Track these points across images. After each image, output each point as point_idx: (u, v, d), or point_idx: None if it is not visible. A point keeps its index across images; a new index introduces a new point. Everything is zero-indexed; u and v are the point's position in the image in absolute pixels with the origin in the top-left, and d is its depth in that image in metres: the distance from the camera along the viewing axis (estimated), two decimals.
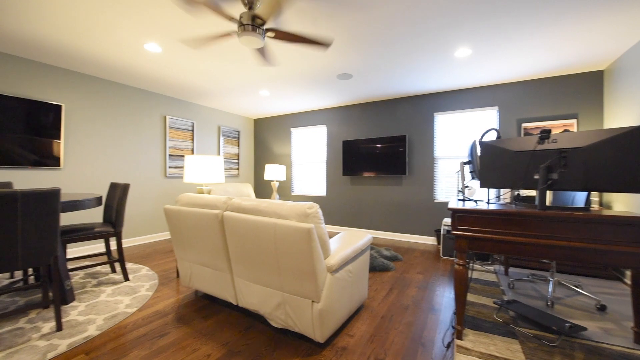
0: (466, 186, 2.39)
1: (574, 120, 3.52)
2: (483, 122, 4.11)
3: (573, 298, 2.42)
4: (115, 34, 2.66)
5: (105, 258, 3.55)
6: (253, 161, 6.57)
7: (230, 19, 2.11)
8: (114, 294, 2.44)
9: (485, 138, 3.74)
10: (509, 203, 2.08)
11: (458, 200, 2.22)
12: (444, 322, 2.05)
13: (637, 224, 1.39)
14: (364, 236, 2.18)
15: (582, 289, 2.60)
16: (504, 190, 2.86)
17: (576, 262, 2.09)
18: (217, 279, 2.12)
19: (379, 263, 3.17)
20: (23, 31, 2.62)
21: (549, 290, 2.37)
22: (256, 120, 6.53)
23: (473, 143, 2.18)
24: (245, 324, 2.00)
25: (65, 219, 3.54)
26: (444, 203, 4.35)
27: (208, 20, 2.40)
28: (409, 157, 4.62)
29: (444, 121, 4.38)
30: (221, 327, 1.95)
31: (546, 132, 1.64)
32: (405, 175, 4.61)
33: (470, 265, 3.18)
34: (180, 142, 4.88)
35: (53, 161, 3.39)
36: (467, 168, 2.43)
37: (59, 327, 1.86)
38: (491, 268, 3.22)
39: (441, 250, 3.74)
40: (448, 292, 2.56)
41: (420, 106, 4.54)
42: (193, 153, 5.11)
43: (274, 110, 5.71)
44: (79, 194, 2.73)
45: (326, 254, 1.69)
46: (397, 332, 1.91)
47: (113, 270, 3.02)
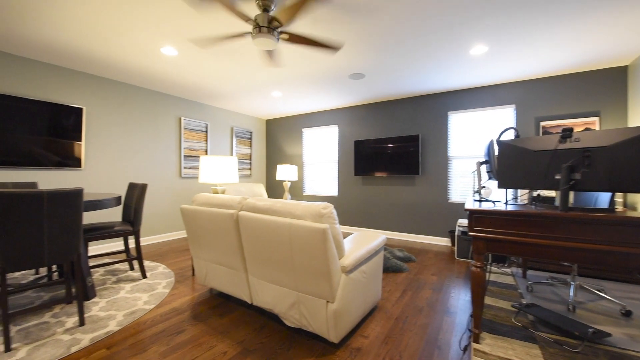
0: (483, 186, 2.34)
1: (596, 118, 3.39)
2: (499, 121, 4.01)
3: (596, 302, 2.33)
4: (133, 39, 2.74)
5: (123, 256, 3.66)
6: (265, 161, 6.63)
7: (246, 20, 2.13)
8: (133, 291, 2.51)
9: (502, 137, 3.65)
10: (528, 204, 2.02)
11: (474, 200, 2.17)
12: (460, 325, 2.01)
13: None
14: (378, 237, 2.17)
15: (606, 293, 2.50)
16: (522, 191, 2.79)
17: (600, 266, 2.02)
18: (232, 278, 2.15)
19: (392, 264, 3.14)
20: (47, 37, 2.73)
21: (570, 294, 2.30)
22: (268, 120, 6.59)
23: (490, 142, 2.13)
24: (259, 323, 2.02)
25: (85, 218, 3.67)
26: (458, 203, 4.27)
27: (219, 20, 2.44)
28: (422, 157, 4.56)
29: (458, 120, 4.30)
30: (236, 325, 1.98)
31: (568, 131, 1.59)
32: (418, 175, 4.56)
33: (487, 267, 3.11)
34: (194, 143, 4.97)
35: (74, 162, 3.52)
36: (484, 168, 2.37)
37: (82, 322, 1.93)
38: (508, 270, 3.14)
39: (456, 251, 3.67)
40: (463, 295, 2.52)
41: (433, 105, 4.48)
42: (207, 154, 5.19)
43: (286, 110, 5.74)
44: (100, 194, 2.82)
45: (340, 255, 1.69)
46: (412, 334, 1.89)
47: (131, 267, 3.11)
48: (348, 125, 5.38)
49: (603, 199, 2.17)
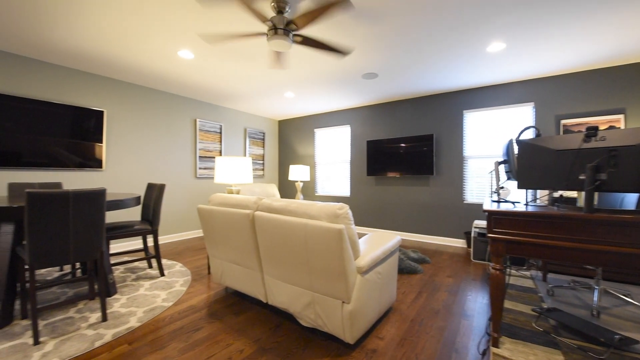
0: (501, 187, 2.28)
1: (621, 115, 3.25)
2: (517, 119, 3.90)
3: (622, 308, 2.24)
4: (151, 43, 2.82)
5: (142, 254, 3.76)
6: (277, 162, 6.68)
7: (264, 21, 2.15)
8: (152, 288, 2.58)
9: (522, 136, 3.55)
10: (548, 205, 1.96)
11: (492, 201, 2.12)
12: (478, 329, 1.97)
13: None
14: (393, 238, 2.15)
15: (632, 299, 2.39)
16: (541, 192, 2.70)
17: (627, 269, 1.94)
18: (248, 277, 2.18)
19: (407, 265, 3.11)
20: (73, 45, 2.84)
21: (594, 298, 2.21)
22: (280, 121, 6.63)
23: (509, 142, 2.08)
24: (275, 322, 2.03)
25: (106, 217, 3.79)
26: (474, 204, 4.18)
27: (234, 21, 2.47)
28: (437, 157, 4.49)
29: (474, 119, 4.21)
30: (252, 324, 2.00)
31: (593, 129, 1.53)
32: (432, 175, 4.48)
33: (507, 270, 3.03)
34: (209, 144, 5.06)
35: (96, 163, 3.65)
36: (503, 168, 2.32)
37: (104, 318, 2.00)
38: (527, 273, 3.06)
39: (472, 253, 3.60)
40: (481, 298, 2.46)
41: (448, 104, 4.40)
42: (221, 154, 5.28)
43: (298, 111, 5.77)
44: (120, 194, 2.92)
45: (356, 255, 1.68)
46: (429, 337, 1.86)
47: (150, 265, 3.20)
48: (360, 125, 5.36)
49: (629, 200, 2.08)
